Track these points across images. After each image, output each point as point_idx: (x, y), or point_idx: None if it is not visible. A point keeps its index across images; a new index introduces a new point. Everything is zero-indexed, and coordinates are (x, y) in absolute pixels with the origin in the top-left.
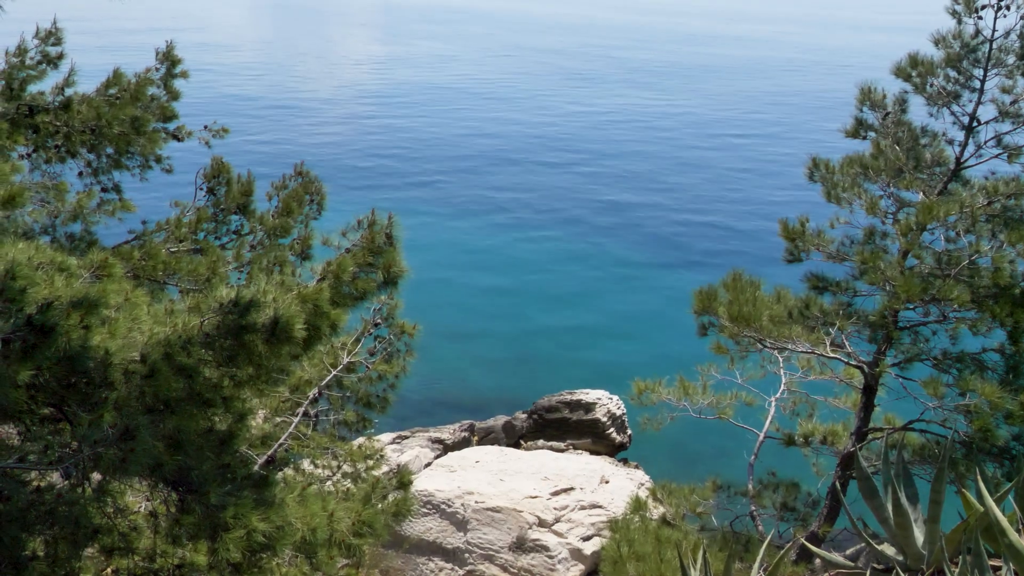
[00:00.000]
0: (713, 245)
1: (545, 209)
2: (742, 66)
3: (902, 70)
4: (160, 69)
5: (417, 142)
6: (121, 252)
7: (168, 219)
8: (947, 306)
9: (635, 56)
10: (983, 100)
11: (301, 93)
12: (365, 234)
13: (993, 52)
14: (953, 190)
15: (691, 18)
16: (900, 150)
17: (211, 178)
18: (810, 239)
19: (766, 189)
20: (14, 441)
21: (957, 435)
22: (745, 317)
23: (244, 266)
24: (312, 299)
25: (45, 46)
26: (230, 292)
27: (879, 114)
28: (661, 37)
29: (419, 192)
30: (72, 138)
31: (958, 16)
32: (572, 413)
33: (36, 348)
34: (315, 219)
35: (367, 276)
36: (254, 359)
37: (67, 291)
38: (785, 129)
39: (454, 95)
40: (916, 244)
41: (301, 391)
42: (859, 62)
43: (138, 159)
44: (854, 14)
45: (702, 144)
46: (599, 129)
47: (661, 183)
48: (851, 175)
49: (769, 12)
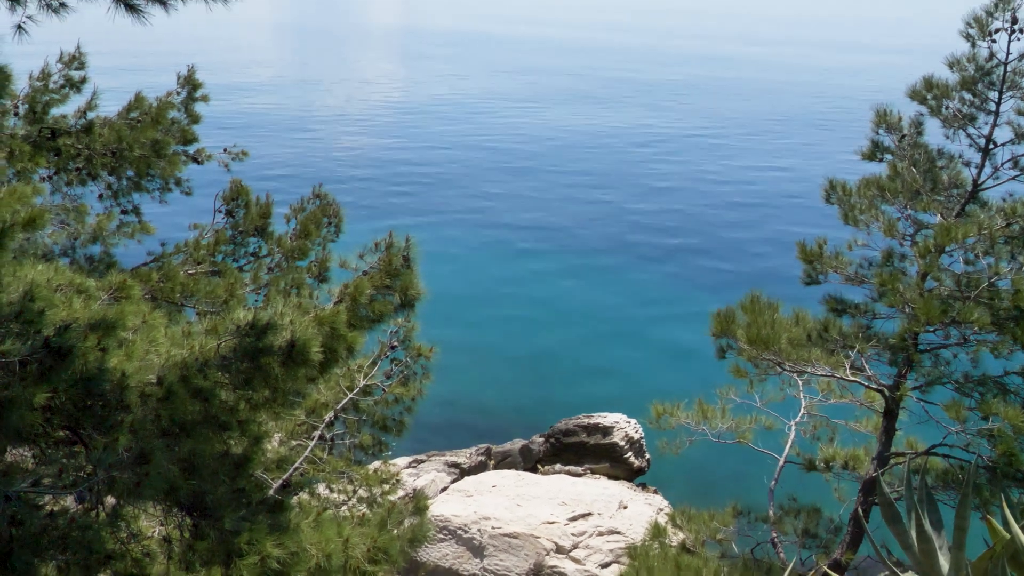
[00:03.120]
0: (733, 265)
1: (563, 230)
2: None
3: (917, 93)
4: (181, 93)
5: (435, 164)
6: (140, 274)
7: (187, 241)
8: (967, 328)
9: (658, 78)
10: (999, 122)
11: (321, 115)
12: (383, 256)
13: (1008, 75)
14: (971, 212)
15: (710, 40)
16: (917, 172)
17: (230, 200)
18: (828, 261)
19: (783, 220)
20: (29, 464)
21: (981, 460)
22: (763, 340)
23: (262, 288)
24: (329, 322)
25: (68, 70)
26: (247, 314)
27: (895, 136)
28: (685, 59)
29: (437, 215)
30: (93, 161)
31: (972, 40)
32: (590, 437)
33: (53, 370)
34: (333, 241)
35: (384, 298)
36: (270, 382)
37: (85, 313)
38: (806, 154)
39: (472, 116)
40: (935, 266)
41: (317, 414)
42: (874, 84)
43: (158, 181)
44: (872, 38)
45: (720, 167)
46: (617, 151)
47: (676, 206)
48: (868, 197)
49: (790, 34)
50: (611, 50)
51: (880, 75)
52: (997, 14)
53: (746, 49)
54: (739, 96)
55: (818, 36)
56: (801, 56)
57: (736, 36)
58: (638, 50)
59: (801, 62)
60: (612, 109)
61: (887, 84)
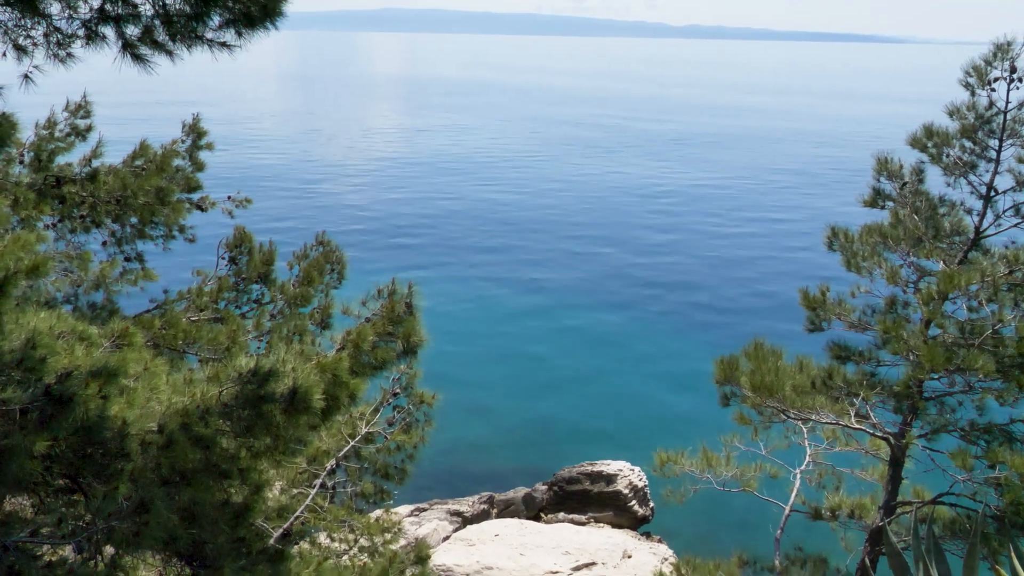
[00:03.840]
0: (733, 315)
1: (565, 279)
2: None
3: (918, 141)
4: (186, 141)
5: (438, 214)
6: (142, 321)
7: (190, 288)
8: (972, 376)
9: (667, 129)
10: (1000, 170)
11: (324, 164)
12: (385, 303)
13: (1008, 123)
14: (974, 259)
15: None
16: (919, 219)
17: (233, 247)
18: (831, 308)
19: (786, 262)
20: (28, 513)
21: (989, 509)
22: (767, 387)
23: (264, 335)
24: (331, 369)
25: (75, 119)
26: (249, 361)
27: (896, 184)
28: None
29: (440, 263)
30: (98, 208)
31: (971, 88)
32: (593, 485)
33: (53, 418)
34: (336, 288)
35: (387, 345)
36: (272, 429)
37: (87, 360)
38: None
39: (476, 166)
40: (938, 313)
41: (319, 462)
42: (875, 131)
43: (162, 229)
44: (877, 87)
45: (721, 217)
46: (617, 201)
47: (678, 256)
48: (870, 244)
49: (793, 84)
50: (613, 99)
51: (879, 123)
52: (996, 63)
53: (746, 98)
54: (742, 146)
55: (819, 85)
56: (800, 105)
57: (734, 85)
58: (639, 99)
59: (801, 110)
60: (613, 158)
61: (887, 131)
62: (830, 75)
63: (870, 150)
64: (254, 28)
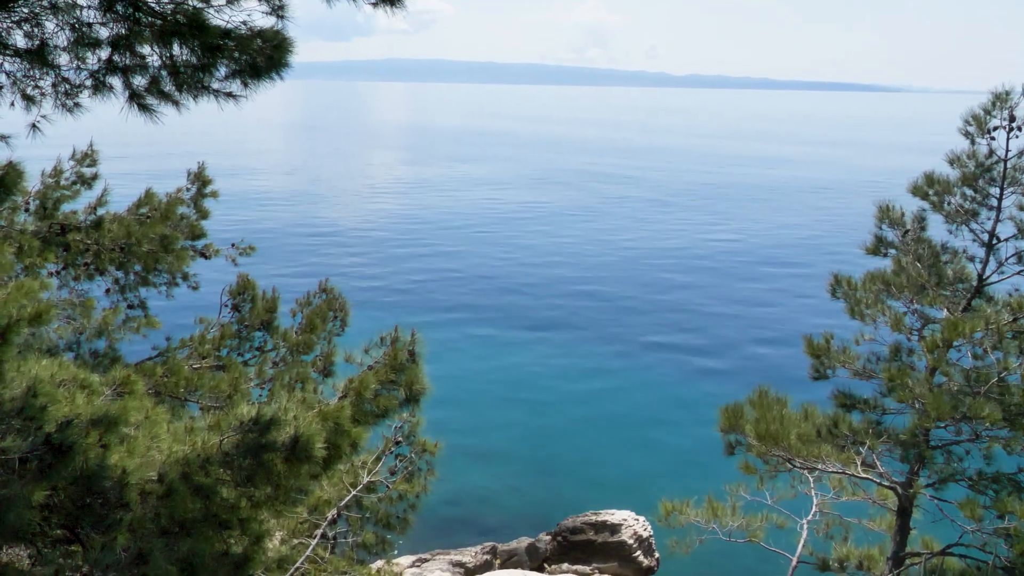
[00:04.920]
0: (737, 363)
1: (567, 327)
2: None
3: (919, 189)
4: (191, 189)
5: (441, 263)
6: (144, 368)
7: (192, 335)
8: (979, 424)
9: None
10: (1001, 218)
11: (329, 214)
12: (388, 351)
13: (1008, 171)
14: (977, 307)
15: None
16: (922, 267)
17: (236, 295)
18: (835, 356)
19: (792, 308)
20: (24, 564)
21: (999, 560)
22: (773, 435)
23: (266, 383)
24: (333, 417)
25: (80, 167)
26: (251, 410)
27: (898, 231)
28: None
29: (442, 312)
30: (102, 256)
31: (971, 137)
32: (597, 535)
33: (53, 467)
34: (338, 335)
35: (389, 393)
36: (273, 479)
37: (88, 408)
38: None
39: (480, 217)
40: (943, 361)
41: (320, 511)
42: (874, 180)
43: (165, 276)
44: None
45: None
46: (618, 248)
47: (686, 306)
48: (874, 292)
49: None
50: (614, 149)
51: (880, 172)
52: (994, 112)
53: (748, 146)
54: (748, 196)
55: (821, 133)
56: (803, 153)
57: (736, 134)
58: (641, 148)
59: (804, 159)
60: (614, 207)
61: (887, 179)
62: (832, 124)
63: (871, 198)
64: (260, 78)
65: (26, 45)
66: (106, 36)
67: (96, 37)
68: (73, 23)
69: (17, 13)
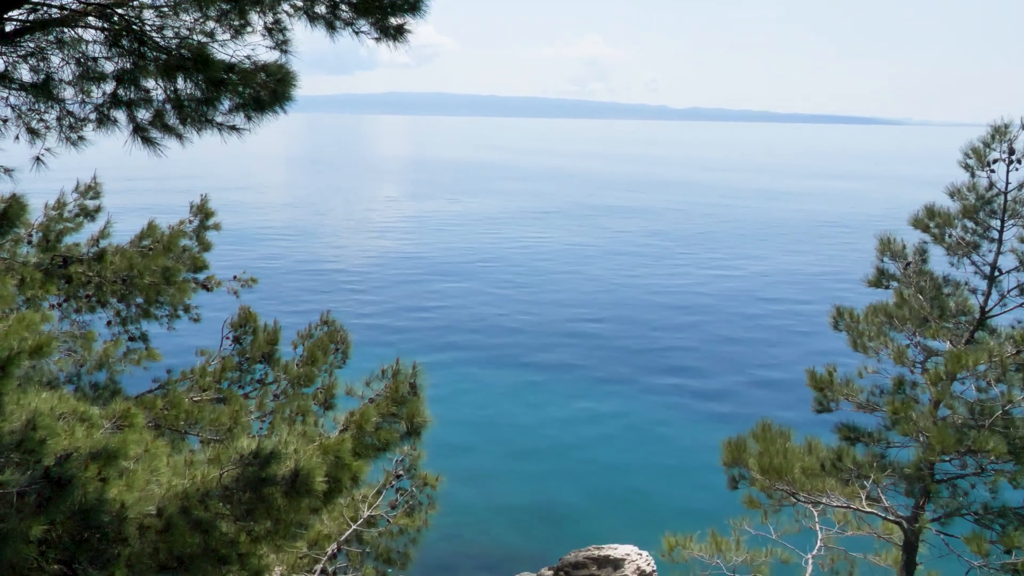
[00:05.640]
0: (740, 395)
1: (566, 360)
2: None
3: (920, 221)
4: (194, 221)
5: (443, 297)
6: (144, 401)
7: (193, 368)
8: (984, 458)
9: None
10: (1003, 250)
11: (331, 247)
12: (389, 383)
13: (1008, 204)
14: (980, 339)
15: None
16: (924, 299)
17: (238, 327)
18: (839, 389)
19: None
20: None
21: None
22: (776, 469)
23: (267, 416)
24: (334, 450)
25: (84, 199)
26: (251, 443)
27: (900, 264)
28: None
29: (443, 347)
30: (104, 288)
31: (971, 170)
32: (600, 570)
33: (51, 501)
34: (339, 368)
35: (390, 426)
36: (273, 513)
37: (87, 442)
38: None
39: (481, 253)
40: (947, 394)
41: (320, 546)
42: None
43: (167, 308)
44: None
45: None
46: (626, 287)
47: (688, 341)
48: (876, 324)
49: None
50: (618, 181)
51: (881, 203)
52: (994, 145)
53: (751, 178)
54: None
55: (825, 166)
56: (808, 186)
57: (738, 166)
58: (645, 182)
59: (808, 192)
60: (618, 241)
61: (888, 212)
62: (841, 156)
63: (873, 230)
64: (263, 112)
65: (32, 79)
66: (111, 70)
67: (101, 71)
68: (79, 57)
69: (23, 48)
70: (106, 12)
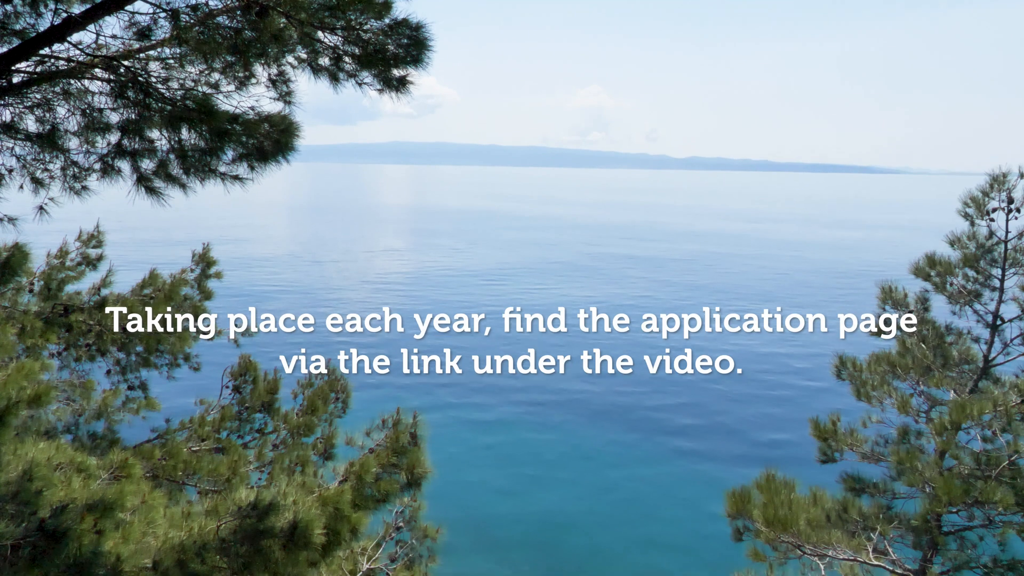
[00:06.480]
0: (745, 446)
1: (568, 405)
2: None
3: (921, 270)
4: (195, 270)
5: (445, 345)
6: (142, 451)
7: (192, 417)
8: (991, 509)
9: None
10: (1004, 298)
11: (333, 295)
12: (389, 433)
13: (1009, 252)
14: (984, 388)
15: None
16: (927, 348)
17: (238, 376)
18: (843, 438)
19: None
20: None
21: None
22: (781, 521)
23: (266, 466)
24: (333, 502)
25: (86, 248)
26: (249, 494)
27: (902, 312)
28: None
29: (444, 398)
30: (104, 337)
31: (970, 219)
32: None
33: (46, 554)
34: (340, 417)
35: (390, 477)
36: (271, 566)
37: (83, 493)
38: None
39: (485, 300)
40: (952, 444)
41: None
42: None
43: (167, 357)
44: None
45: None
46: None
47: (693, 393)
48: (879, 373)
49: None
50: (617, 227)
51: (881, 252)
52: (992, 194)
53: (754, 227)
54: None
55: (828, 214)
56: (809, 234)
57: (742, 215)
58: (646, 227)
59: (811, 239)
60: (625, 290)
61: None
62: (842, 205)
63: (875, 278)
64: (266, 162)
65: (37, 130)
66: (116, 121)
67: (107, 122)
68: (84, 108)
69: (30, 98)
70: (113, 64)
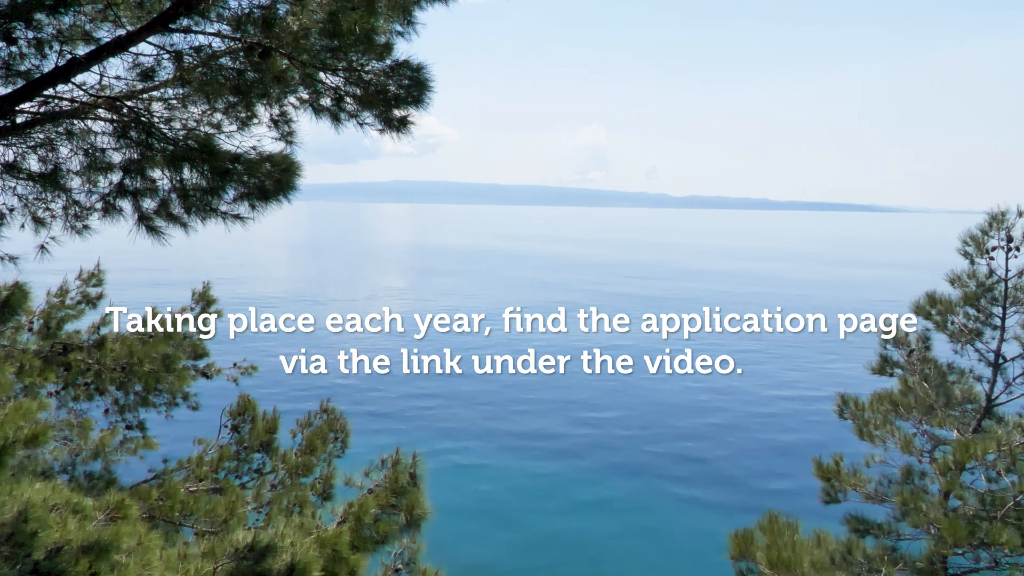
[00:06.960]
0: (745, 489)
1: (573, 449)
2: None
3: (921, 308)
4: (195, 308)
5: (447, 388)
6: (139, 492)
7: (190, 457)
8: (997, 551)
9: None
10: (1006, 337)
11: (333, 333)
12: (389, 474)
13: (1010, 291)
14: (988, 427)
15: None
16: (929, 387)
17: (236, 415)
18: (846, 479)
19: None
20: None
21: None
22: (785, 563)
23: (264, 506)
24: (331, 543)
25: (86, 287)
26: (247, 536)
27: (904, 351)
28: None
29: (442, 436)
30: (103, 375)
31: (970, 257)
32: None
33: None
34: (339, 456)
35: (390, 518)
36: None
37: (79, 534)
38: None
39: (487, 342)
40: (957, 484)
41: None
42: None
43: (166, 396)
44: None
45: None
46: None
47: (695, 429)
48: (882, 412)
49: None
50: (616, 265)
51: (882, 289)
52: (992, 233)
53: (755, 265)
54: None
55: (833, 252)
56: (813, 272)
57: (745, 253)
58: (648, 265)
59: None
60: (628, 329)
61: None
62: (845, 243)
63: (879, 312)
64: (267, 201)
65: (40, 169)
66: (119, 160)
67: (109, 162)
68: (87, 148)
69: (33, 138)
70: (116, 104)
